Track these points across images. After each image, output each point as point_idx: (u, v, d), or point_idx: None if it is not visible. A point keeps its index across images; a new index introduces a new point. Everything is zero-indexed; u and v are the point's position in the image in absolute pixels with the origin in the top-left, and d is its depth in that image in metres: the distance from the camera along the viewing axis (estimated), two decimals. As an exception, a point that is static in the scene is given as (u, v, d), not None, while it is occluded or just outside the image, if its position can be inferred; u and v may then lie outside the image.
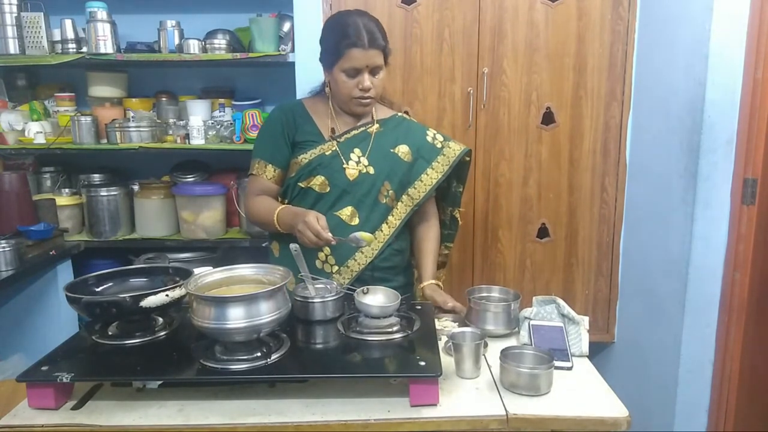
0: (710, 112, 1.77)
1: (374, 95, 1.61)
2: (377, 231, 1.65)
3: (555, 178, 2.32)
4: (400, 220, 1.69)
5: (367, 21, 1.56)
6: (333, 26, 1.60)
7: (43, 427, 1.11)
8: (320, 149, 1.64)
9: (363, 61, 1.54)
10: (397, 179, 1.67)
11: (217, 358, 1.18)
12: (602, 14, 2.20)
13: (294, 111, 1.69)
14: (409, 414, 1.14)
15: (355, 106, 1.62)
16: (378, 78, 1.59)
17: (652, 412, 2.08)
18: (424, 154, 1.72)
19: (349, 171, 1.63)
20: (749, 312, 1.82)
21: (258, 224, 1.71)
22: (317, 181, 1.62)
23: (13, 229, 2.15)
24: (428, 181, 1.71)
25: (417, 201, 1.70)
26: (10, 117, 2.48)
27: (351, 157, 1.64)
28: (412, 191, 1.70)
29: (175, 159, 2.66)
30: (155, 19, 2.43)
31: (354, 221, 1.63)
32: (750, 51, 1.72)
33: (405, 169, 1.69)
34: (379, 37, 1.55)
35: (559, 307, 1.48)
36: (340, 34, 1.56)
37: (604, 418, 1.16)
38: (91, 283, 1.36)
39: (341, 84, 1.59)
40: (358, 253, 1.63)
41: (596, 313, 2.42)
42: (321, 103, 1.70)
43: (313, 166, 1.63)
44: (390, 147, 1.68)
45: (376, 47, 1.54)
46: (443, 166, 1.73)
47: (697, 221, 1.83)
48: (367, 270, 1.64)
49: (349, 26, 1.54)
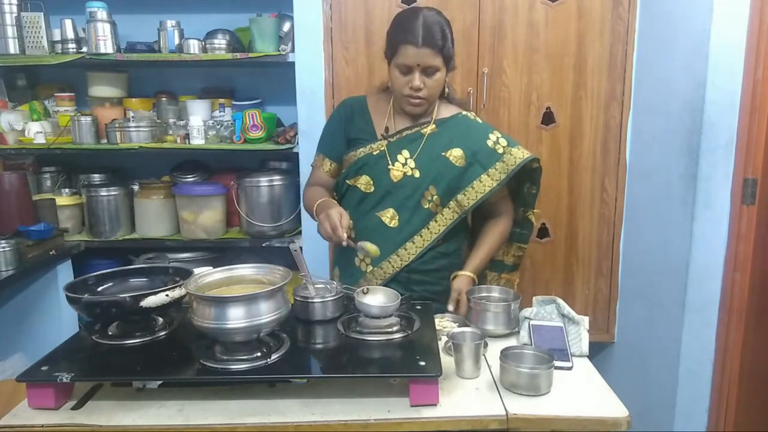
0: (710, 112, 1.77)
1: (426, 96, 1.55)
2: (416, 235, 1.62)
3: (555, 178, 2.32)
4: (445, 226, 1.63)
5: (429, 19, 1.51)
6: (396, 20, 1.57)
7: (43, 427, 1.11)
8: (369, 148, 1.63)
9: (414, 59, 1.50)
10: (444, 184, 1.61)
11: (217, 358, 1.18)
12: (602, 14, 2.20)
13: (354, 106, 1.68)
14: (409, 414, 1.13)
15: (406, 104, 1.59)
16: (433, 79, 1.54)
17: (652, 412, 2.08)
18: (481, 159, 1.63)
19: (393, 172, 1.61)
20: (749, 312, 1.82)
21: (310, 213, 1.68)
22: (363, 180, 1.62)
23: (13, 229, 2.15)
24: (481, 188, 1.62)
25: (466, 208, 1.62)
26: (10, 117, 2.48)
27: (398, 158, 1.62)
28: (461, 197, 1.62)
29: (175, 159, 2.66)
30: (155, 19, 2.43)
31: (393, 223, 1.62)
32: (750, 51, 1.72)
33: (455, 174, 1.61)
34: (436, 35, 1.49)
35: (559, 307, 1.48)
36: (397, 29, 1.53)
37: (604, 418, 1.16)
38: (91, 283, 1.36)
39: (394, 80, 1.57)
40: (394, 256, 1.61)
41: (596, 313, 2.42)
42: (384, 99, 1.68)
43: (360, 164, 1.62)
44: (441, 150, 1.62)
45: (431, 46, 1.49)
46: (501, 174, 1.62)
47: (697, 221, 1.83)
48: (402, 272, 1.62)
49: (408, 21, 1.51)
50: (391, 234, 1.61)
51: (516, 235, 1.78)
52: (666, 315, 1.99)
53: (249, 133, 2.36)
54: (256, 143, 2.37)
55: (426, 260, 1.63)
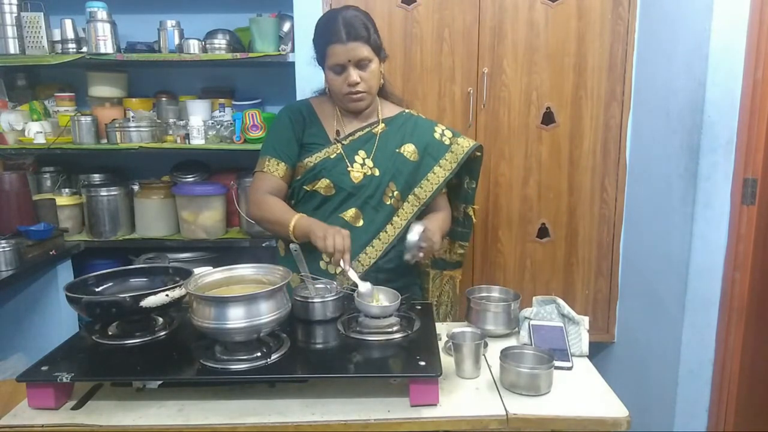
0: (710, 112, 1.77)
1: (365, 89, 1.57)
2: (381, 232, 1.64)
3: (555, 178, 2.32)
4: (406, 220, 1.67)
5: (348, 15, 1.53)
6: (317, 26, 1.60)
7: (43, 427, 1.11)
8: (325, 152, 1.63)
9: (344, 56, 1.52)
10: (403, 179, 1.65)
11: (217, 358, 1.19)
12: (602, 14, 2.20)
13: (303, 111, 1.68)
14: (409, 414, 1.14)
15: (349, 102, 1.61)
16: (367, 71, 1.56)
17: (652, 412, 2.08)
18: (432, 151, 1.69)
19: (353, 174, 1.62)
20: (749, 312, 1.82)
21: (263, 224, 1.65)
22: (322, 184, 1.61)
23: (13, 229, 2.15)
24: (435, 180, 1.68)
25: (424, 200, 1.68)
26: (10, 117, 2.47)
27: (356, 159, 1.63)
28: (418, 191, 1.68)
29: (175, 159, 2.66)
30: (155, 19, 2.43)
31: (358, 223, 1.63)
32: (750, 51, 1.72)
33: (411, 168, 1.66)
34: (359, 29, 1.51)
35: (559, 307, 1.48)
36: (321, 33, 1.56)
37: (604, 418, 1.16)
38: (91, 283, 1.36)
39: (331, 82, 1.59)
40: (362, 255, 1.62)
41: (596, 313, 2.42)
42: (327, 104, 1.69)
43: (318, 169, 1.62)
44: (395, 147, 1.66)
45: (357, 39, 1.51)
46: (451, 164, 1.69)
47: (697, 221, 1.83)
48: (371, 271, 1.62)
49: (328, 23, 1.54)
50: (357, 233, 1.60)
51: (458, 233, 1.83)
52: (666, 315, 1.99)
53: (249, 133, 2.36)
54: (256, 143, 2.37)
55: (390, 258, 1.65)
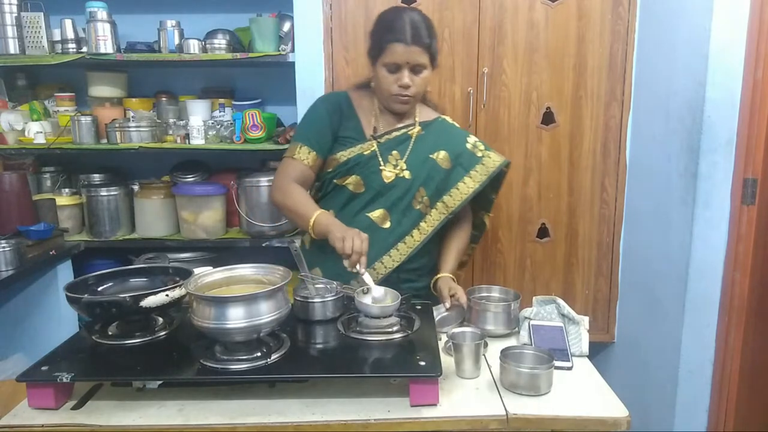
0: (710, 112, 1.77)
1: (413, 94, 1.58)
2: (407, 236, 1.63)
3: (555, 178, 2.32)
4: (433, 227, 1.65)
5: (415, 17, 1.53)
6: (380, 20, 1.58)
7: (43, 427, 1.11)
8: (360, 148, 1.62)
9: (404, 57, 1.52)
10: (434, 185, 1.64)
11: (217, 358, 1.19)
12: (602, 14, 2.20)
13: (341, 104, 1.66)
14: (409, 414, 1.14)
15: (394, 103, 1.60)
16: (420, 77, 1.56)
17: (652, 412, 2.08)
18: (463, 161, 1.68)
19: (385, 173, 1.61)
20: (749, 312, 1.82)
21: (284, 210, 1.63)
22: (352, 180, 1.61)
23: (13, 229, 2.15)
24: (465, 190, 1.67)
25: (452, 209, 1.67)
26: (10, 117, 2.47)
27: (389, 159, 1.63)
28: (447, 199, 1.67)
29: (175, 159, 2.66)
30: (155, 19, 2.43)
31: (385, 224, 1.62)
32: (750, 51, 1.72)
33: (442, 175, 1.65)
34: (424, 34, 1.52)
35: (559, 307, 1.48)
36: (384, 28, 1.54)
37: (604, 418, 1.16)
38: (91, 283, 1.36)
39: (382, 79, 1.57)
40: (386, 257, 1.62)
41: (596, 313, 2.42)
42: (366, 98, 1.68)
43: (350, 164, 1.61)
44: (429, 152, 1.65)
45: (419, 44, 1.51)
46: (481, 176, 1.68)
47: (697, 221, 1.83)
48: (393, 273, 1.62)
49: (395, 21, 1.53)
50: (383, 235, 1.61)
51: (471, 236, 1.84)
52: (666, 315, 1.99)
53: (249, 133, 2.36)
54: (256, 143, 2.37)
55: (412, 259, 1.65)
